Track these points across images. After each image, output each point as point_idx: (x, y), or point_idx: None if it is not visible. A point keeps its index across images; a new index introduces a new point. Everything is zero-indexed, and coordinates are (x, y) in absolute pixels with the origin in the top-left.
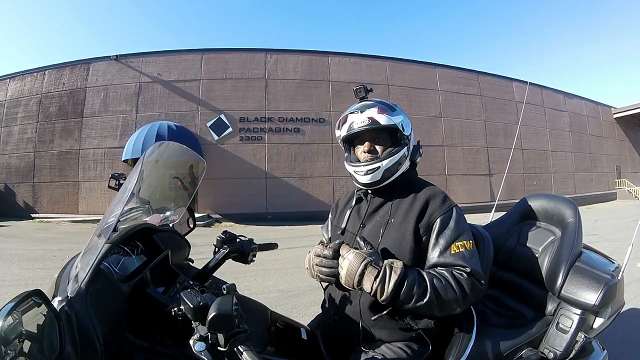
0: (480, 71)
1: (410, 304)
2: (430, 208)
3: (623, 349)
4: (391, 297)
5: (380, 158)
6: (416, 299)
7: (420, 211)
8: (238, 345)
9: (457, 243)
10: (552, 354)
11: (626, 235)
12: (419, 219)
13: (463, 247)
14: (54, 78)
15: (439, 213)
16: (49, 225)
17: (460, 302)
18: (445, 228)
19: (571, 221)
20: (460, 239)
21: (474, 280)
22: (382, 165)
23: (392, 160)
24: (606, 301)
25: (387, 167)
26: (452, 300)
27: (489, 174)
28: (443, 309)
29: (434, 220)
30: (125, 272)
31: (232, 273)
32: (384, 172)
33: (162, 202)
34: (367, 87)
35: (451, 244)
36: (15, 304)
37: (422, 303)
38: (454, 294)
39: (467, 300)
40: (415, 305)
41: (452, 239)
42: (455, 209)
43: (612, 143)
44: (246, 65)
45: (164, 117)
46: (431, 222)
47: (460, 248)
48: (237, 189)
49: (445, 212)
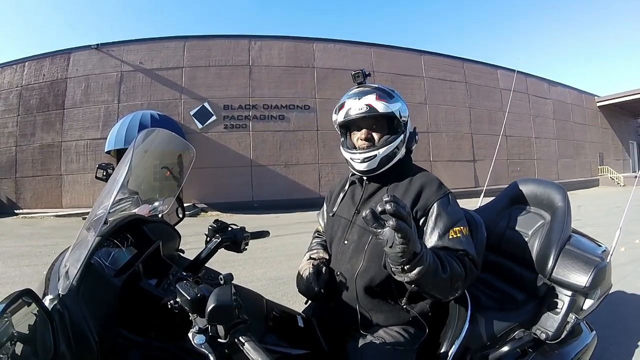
0: (466, 58)
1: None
2: (426, 193)
3: (609, 331)
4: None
5: (377, 146)
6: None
7: (416, 195)
8: (239, 336)
9: (455, 228)
10: (544, 334)
11: (609, 220)
12: (414, 203)
13: (460, 232)
14: (34, 69)
15: (435, 197)
16: (33, 220)
17: (464, 283)
18: (442, 213)
19: (560, 205)
20: (458, 225)
21: (471, 264)
22: (378, 153)
23: (389, 148)
24: (596, 283)
25: (384, 155)
26: (459, 280)
27: (474, 160)
28: (452, 290)
29: (431, 204)
30: (116, 265)
31: (220, 262)
32: (380, 160)
33: (150, 193)
34: (366, 72)
35: (449, 229)
36: (6, 305)
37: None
38: (460, 273)
39: (467, 282)
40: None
41: (450, 225)
42: (450, 195)
43: (595, 131)
44: (230, 52)
45: (147, 107)
46: (428, 206)
47: (457, 234)
48: (222, 177)
49: (442, 197)
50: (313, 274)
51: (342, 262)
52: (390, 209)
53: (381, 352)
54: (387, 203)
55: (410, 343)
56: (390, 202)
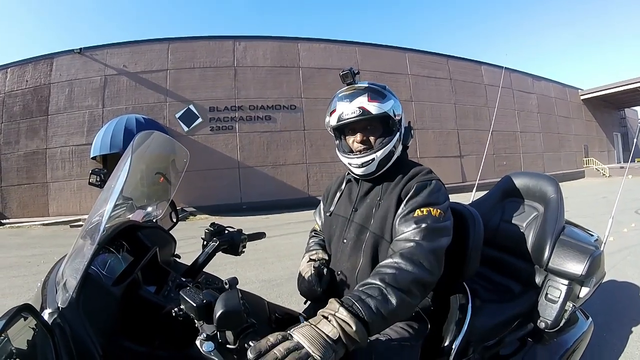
0: (450, 55)
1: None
2: (413, 180)
3: (603, 318)
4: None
5: (373, 149)
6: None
7: (404, 185)
8: (249, 340)
9: (424, 208)
10: (543, 323)
11: (595, 211)
12: (400, 191)
13: (428, 212)
14: (16, 76)
15: (416, 181)
16: (20, 230)
17: (427, 276)
18: (417, 195)
19: (553, 197)
20: (430, 206)
21: (430, 246)
22: (376, 156)
23: (386, 150)
24: (591, 271)
25: (382, 158)
26: (414, 281)
27: (460, 155)
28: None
29: (412, 186)
30: (113, 274)
31: (211, 265)
32: (378, 162)
33: (144, 198)
34: (354, 71)
35: (416, 209)
36: (6, 322)
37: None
38: (415, 271)
39: (433, 270)
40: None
41: (419, 205)
42: (435, 181)
43: (579, 123)
44: (214, 53)
45: (132, 110)
46: (409, 189)
47: (424, 212)
48: (210, 180)
49: (424, 181)
50: (314, 275)
51: (342, 261)
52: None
53: (388, 348)
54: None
55: (415, 338)
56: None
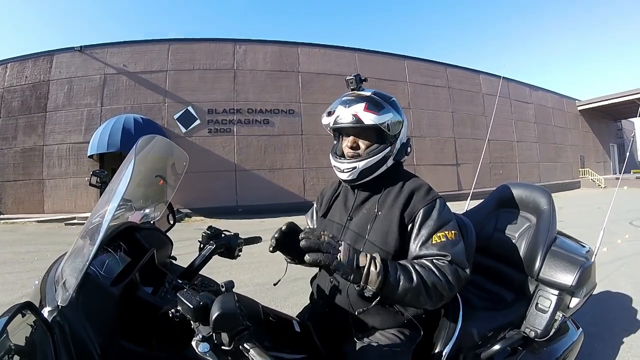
0: (448, 63)
1: (399, 290)
2: (415, 199)
3: (594, 328)
4: (381, 284)
5: (360, 157)
6: (403, 285)
7: (405, 202)
8: (244, 342)
9: (439, 233)
10: (533, 332)
11: (590, 221)
12: (403, 209)
13: (445, 237)
14: (16, 71)
15: (421, 204)
16: (14, 226)
17: (446, 289)
18: (427, 219)
19: (546, 208)
20: (443, 230)
21: (456, 267)
22: (358, 166)
23: (371, 161)
24: (582, 282)
25: (365, 168)
26: (438, 287)
27: (457, 163)
28: (431, 297)
29: (417, 211)
30: (110, 274)
31: (207, 268)
32: (360, 172)
33: (143, 200)
34: (361, 77)
35: (433, 235)
36: (8, 319)
37: (411, 287)
38: (438, 280)
39: (453, 287)
40: (404, 291)
41: (434, 230)
42: (438, 200)
43: (576, 134)
44: (214, 55)
45: (130, 110)
46: (414, 212)
47: (442, 238)
48: (206, 182)
49: (428, 203)
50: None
51: None
52: (304, 244)
53: (379, 354)
54: (302, 240)
55: (406, 345)
56: (303, 239)
